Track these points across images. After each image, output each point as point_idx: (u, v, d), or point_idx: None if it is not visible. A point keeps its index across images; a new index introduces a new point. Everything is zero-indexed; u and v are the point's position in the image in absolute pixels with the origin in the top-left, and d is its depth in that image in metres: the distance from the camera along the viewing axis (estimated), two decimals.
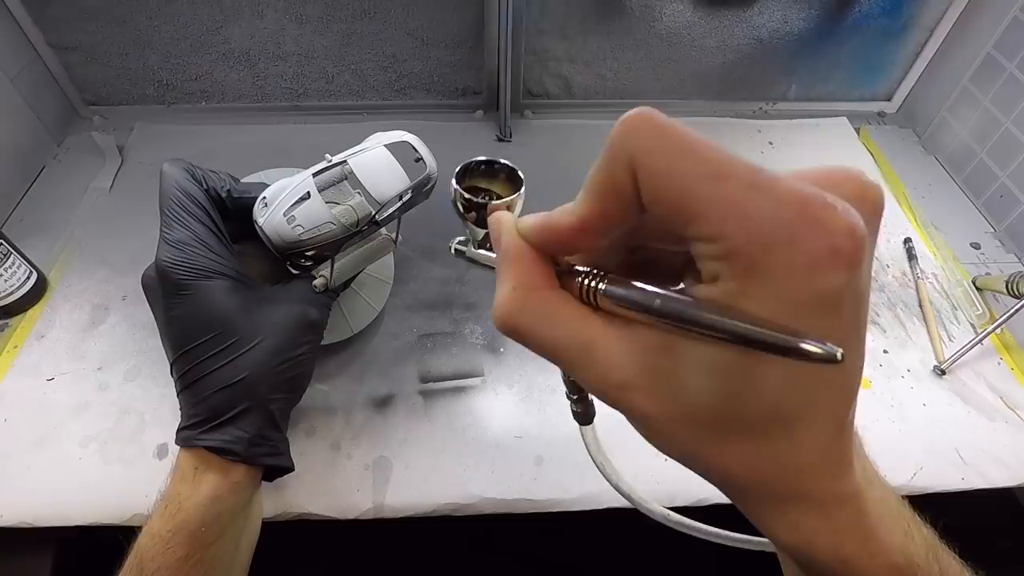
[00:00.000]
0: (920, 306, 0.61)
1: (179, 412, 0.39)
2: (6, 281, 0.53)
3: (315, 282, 0.43)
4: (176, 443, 0.38)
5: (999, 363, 0.57)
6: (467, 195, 0.23)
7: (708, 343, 0.15)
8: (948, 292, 0.63)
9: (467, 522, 0.46)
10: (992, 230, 0.71)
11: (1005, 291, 0.59)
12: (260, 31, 0.71)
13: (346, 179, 0.45)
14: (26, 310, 0.55)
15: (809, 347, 0.13)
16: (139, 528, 0.35)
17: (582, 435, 0.28)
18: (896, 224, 0.70)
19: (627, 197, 0.16)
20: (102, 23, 0.69)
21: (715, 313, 0.15)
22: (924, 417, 0.52)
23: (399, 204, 0.45)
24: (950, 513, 0.22)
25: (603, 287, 0.17)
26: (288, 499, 0.45)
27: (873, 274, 0.65)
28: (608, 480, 0.30)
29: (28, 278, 0.55)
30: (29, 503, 0.44)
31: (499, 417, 0.51)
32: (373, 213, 0.44)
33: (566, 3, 0.71)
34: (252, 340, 0.38)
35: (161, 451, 0.47)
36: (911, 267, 0.65)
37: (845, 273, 0.14)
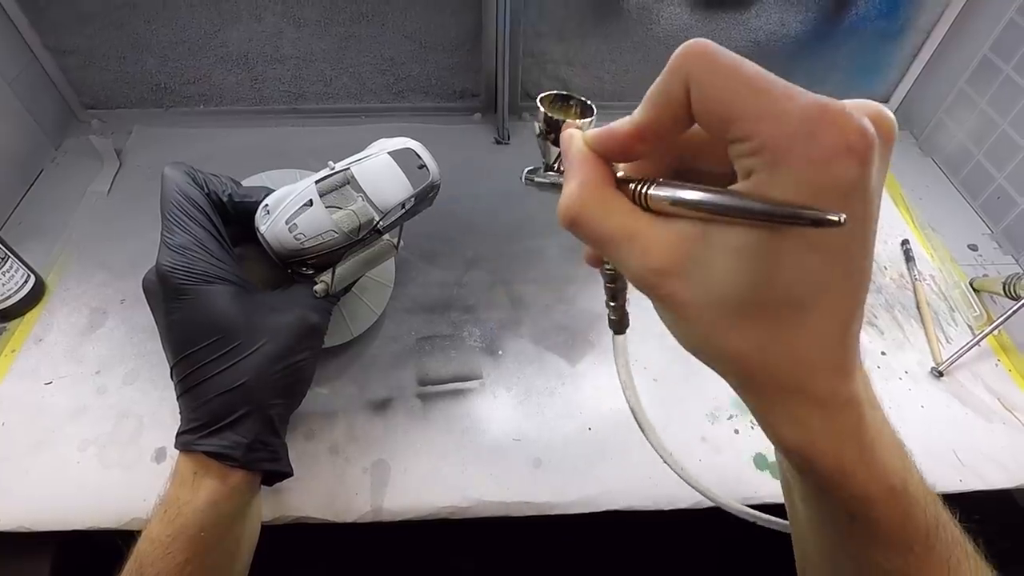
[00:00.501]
0: (918, 308, 0.61)
1: (178, 416, 0.39)
2: (4, 285, 0.52)
3: (315, 287, 0.43)
4: (175, 447, 0.38)
5: (997, 364, 0.57)
6: (548, 114, 0.26)
7: (738, 228, 0.18)
8: (946, 294, 0.63)
9: (465, 525, 0.46)
10: (989, 232, 0.71)
11: (1002, 293, 0.59)
12: (258, 34, 0.71)
13: (348, 185, 0.45)
14: (24, 314, 0.55)
15: (816, 214, 0.16)
16: (138, 532, 0.35)
17: (613, 343, 0.32)
18: (893, 225, 0.70)
19: (679, 107, 0.18)
20: (100, 27, 0.69)
21: (743, 198, 0.17)
22: (922, 419, 0.52)
23: (402, 212, 0.45)
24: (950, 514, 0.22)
25: (652, 190, 0.20)
26: (286, 502, 0.45)
27: (871, 276, 0.65)
28: (624, 391, 0.33)
29: (26, 282, 0.55)
30: (27, 507, 0.44)
31: (498, 420, 0.51)
32: (376, 221, 0.44)
33: (564, 6, 0.71)
34: (253, 345, 0.38)
35: (160, 455, 0.47)
36: (908, 269, 0.65)
37: (856, 167, 0.16)
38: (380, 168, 0.44)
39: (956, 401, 0.54)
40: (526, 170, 0.32)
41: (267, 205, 0.42)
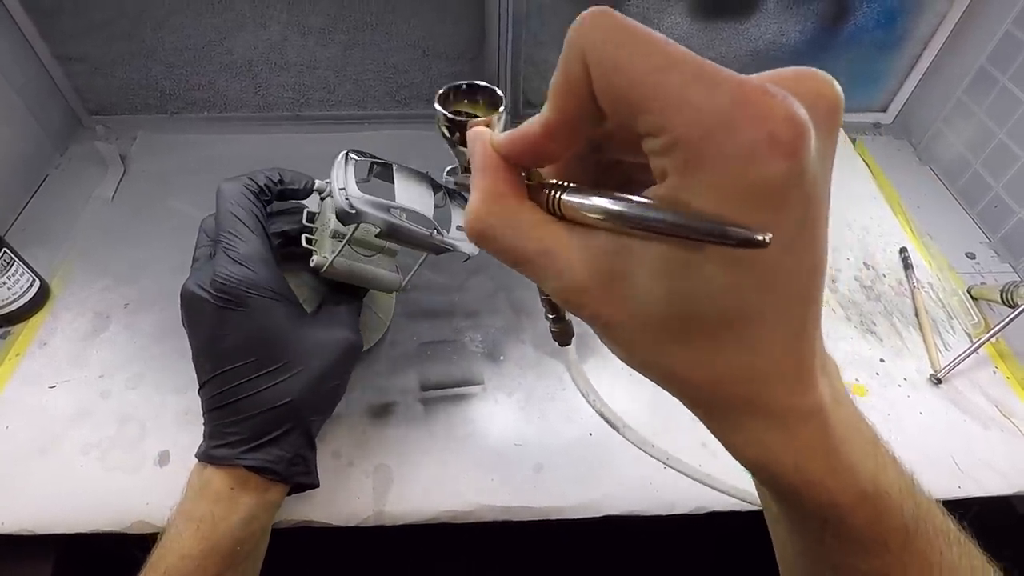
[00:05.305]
0: (916, 315, 0.62)
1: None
2: (9, 289, 0.53)
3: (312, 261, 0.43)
4: (204, 460, 0.37)
5: (994, 372, 0.57)
6: (449, 115, 0.24)
7: (653, 243, 0.15)
8: (944, 301, 0.63)
9: (467, 529, 0.47)
10: (987, 240, 0.71)
11: (1000, 300, 0.59)
12: (263, 42, 0.72)
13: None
14: (28, 318, 0.56)
15: (736, 231, 0.13)
16: (150, 537, 0.36)
17: (566, 357, 0.29)
18: (892, 234, 0.71)
19: (583, 95, 0.15)
20: (107, 35, 0.70)
21: (653, 209, 0.15)
22: (920, 426, 0.53)
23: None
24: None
25: (564, 196, 0.18)
26: (290, 506, 0.45)
27: (870, 283, 0.65)
28: (586, 398, 0.31)
29: (31, 286, 0.55)
30: (30, 510, 0.44)
31: (499, 425, 0.51)
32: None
33: (565, 15, 0.72)
34: (301, 363, 0.38)
35: (163, 459, 0.47)
36: (907, 276, 0.65)
37: (784, 162, 0.13)
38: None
39: (954, 408, 0.54)
40: (447, 169, 0.28)
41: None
